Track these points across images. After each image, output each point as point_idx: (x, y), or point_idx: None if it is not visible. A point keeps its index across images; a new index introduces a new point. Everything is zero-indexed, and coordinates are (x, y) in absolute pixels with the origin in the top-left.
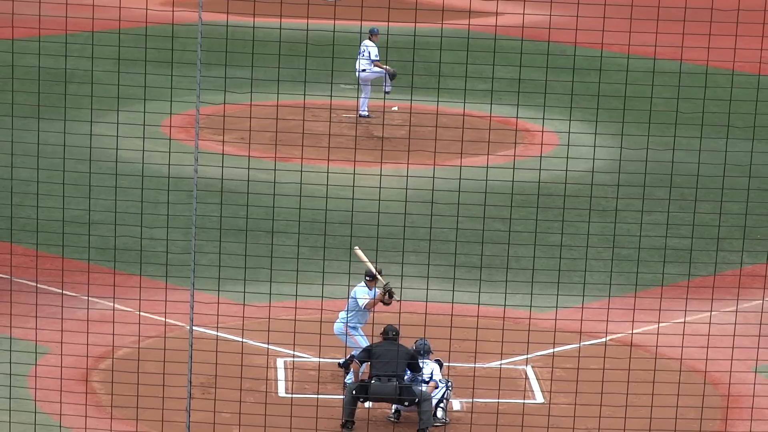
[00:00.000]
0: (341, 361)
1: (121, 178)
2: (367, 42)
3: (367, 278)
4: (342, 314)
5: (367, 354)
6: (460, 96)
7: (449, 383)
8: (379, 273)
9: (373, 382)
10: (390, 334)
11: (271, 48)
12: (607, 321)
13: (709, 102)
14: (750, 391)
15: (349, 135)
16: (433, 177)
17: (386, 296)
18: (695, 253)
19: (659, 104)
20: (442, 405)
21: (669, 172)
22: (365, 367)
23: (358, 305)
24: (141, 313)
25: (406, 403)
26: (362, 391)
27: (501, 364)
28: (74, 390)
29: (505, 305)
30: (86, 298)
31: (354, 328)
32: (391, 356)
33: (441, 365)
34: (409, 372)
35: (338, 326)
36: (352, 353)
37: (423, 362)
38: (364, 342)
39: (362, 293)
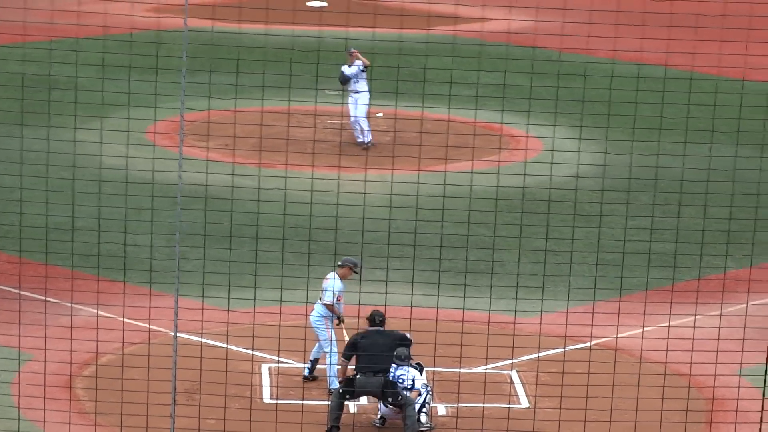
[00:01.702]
0: (306, 373)
1: (105, 184)
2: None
3: (339, 264)
4: (318, 307)
5: (353, 347)
6: (444, 102)
7: (428, 387)
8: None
9: (358, 377)
10: (376, 320)
11: (256, 54)
12: (592, 325)
13: (693, 107)
14: (734, 394)
15: (333, 141)
16: (418, 182)
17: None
18: (679, 257)
19: (644, 110)
20: (424, 410)
21: (653, 177)
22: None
23: (325, 298)
24: (125, 320)
25: (390, 399)
26: (349, 387)
27: (486, 369)
28: (58, 397)
29: (489, 310)
30: (70, 304)
31: (330, 319)
32: (377, 350)
33: (421, 370)
34: (394, 366)
35: (315, 318)
36: (311, 359)
37: (404, 369)
38: (334, 342)
39: (331, 287)
